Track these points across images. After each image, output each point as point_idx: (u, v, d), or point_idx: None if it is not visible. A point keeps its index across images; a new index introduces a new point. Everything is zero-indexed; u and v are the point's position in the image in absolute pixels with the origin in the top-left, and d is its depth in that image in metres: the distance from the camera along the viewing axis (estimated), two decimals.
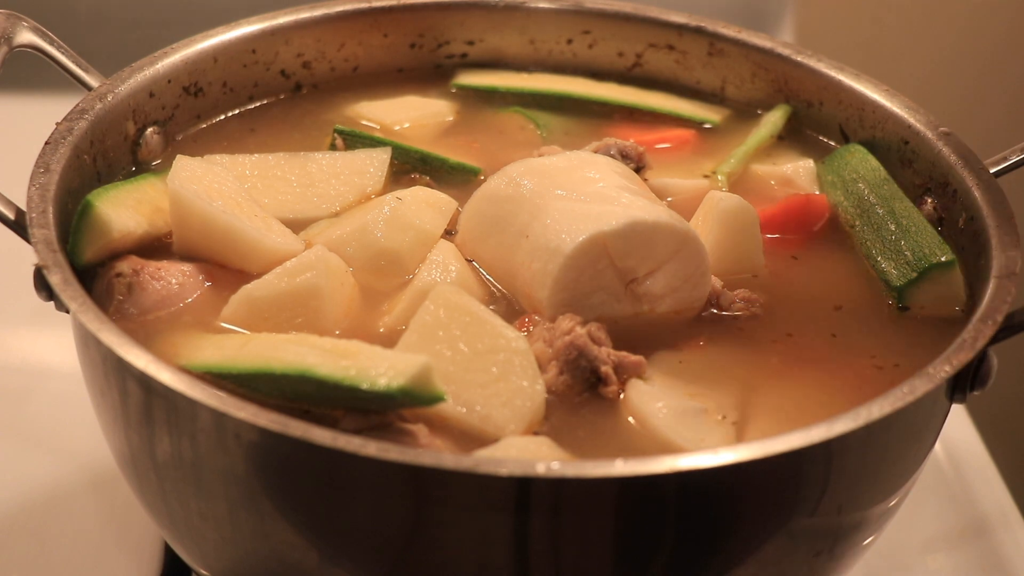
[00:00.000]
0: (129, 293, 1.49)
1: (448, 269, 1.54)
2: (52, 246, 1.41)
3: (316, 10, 1.87)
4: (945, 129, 1.69)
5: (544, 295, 1.48)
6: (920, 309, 1.58)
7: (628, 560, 1.31)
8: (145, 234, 1.55)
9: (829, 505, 1.37)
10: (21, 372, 2.00)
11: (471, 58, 1.96)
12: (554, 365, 1.43)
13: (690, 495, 1.29)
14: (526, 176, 1.57)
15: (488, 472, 1.23)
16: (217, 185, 1.56)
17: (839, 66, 1.83)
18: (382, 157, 1.71)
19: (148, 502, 1.47)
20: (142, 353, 1.31)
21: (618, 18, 1.94)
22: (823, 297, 1.60)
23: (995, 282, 1.47)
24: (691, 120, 1.89)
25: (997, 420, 2.40)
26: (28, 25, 1.66)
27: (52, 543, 1.73)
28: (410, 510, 1.28)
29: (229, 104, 1.83)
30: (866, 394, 1.36)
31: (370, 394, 1.30)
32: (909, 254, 1.60)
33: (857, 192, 1.70)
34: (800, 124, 1.86)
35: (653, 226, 1.49)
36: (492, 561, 1.30)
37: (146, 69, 1.71)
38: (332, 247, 1.53)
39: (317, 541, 1.32)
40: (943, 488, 1.91)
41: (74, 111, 1.60)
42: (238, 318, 1.47)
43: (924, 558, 1.82)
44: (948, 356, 1.38)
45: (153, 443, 1.37)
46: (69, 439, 1.85)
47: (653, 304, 1.52)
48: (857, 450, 1.34)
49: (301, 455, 1.27)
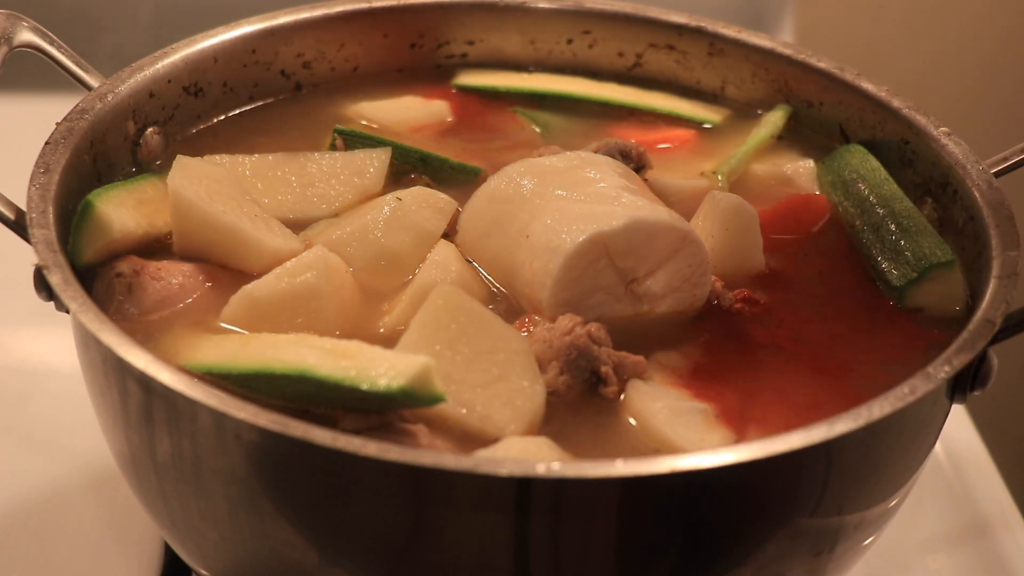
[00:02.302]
0: (129, 293, 1.49)
1: (448, 269, 1.54)
2: (52, 246, 1.41)
3: (316, 10, 1.87)
4: (945, 129, 1.69)
5: (544, 295, 1.48)
6: (920, 309, 1.58)
7: (628, 560, 1.31)
8: (145, 234, 1.55)
9: (829, 505, 1.37)
10: (21, 372, 2.00)
11: (471, 58, 1.96)
12: (554, 365, 1.43)
13: (690, 495, 1.29)
14: (526, 176, 1.57)
15: (488, 472, 1.23)
16: (217, 185, 1.56)
17: (839, 66, 1.83)
18: (382, 157, 1.70)
19: (148, 502, 1.47)
20: (142, 353, 1.31)
21: (618, 18, 1.94)
22: (823, 297, 1.60)
23: (995, 282, 1.47)
24: (691, 120, 1.89)
25: (997, 420, 2.39)
26: (28, 25, 1.66)
27: (52, 543, 1.73)
28: (410, 510, 1.28)
29: (229, 104, 1.83)
30: (866, 394, 1.36)
31: (370, 394, 1.30)
32: (909, 254, 1.60)
33: (857, 192, 1.70)
34: (800, 124, 1.86)
35: (653, 226, 1.49)
36: (492, 561, 1.29)
37: (146, 69, 1.71)
38: (332, 247, 1.53)
39: (317, 541, 1.32)
40: (943, 488, 1.91)
41: (74, 111, 1.60)
42: (238, 318, 1.47)
43: (924, 558, 1.82)
44: (948, 356, 1.38)
45: (153, 443, 1.37)
46: (69, 439, 1.85)
47: (653, 304, 1.52)
48: (857, 450, 1.34)
49: (301, 455, 1.27)
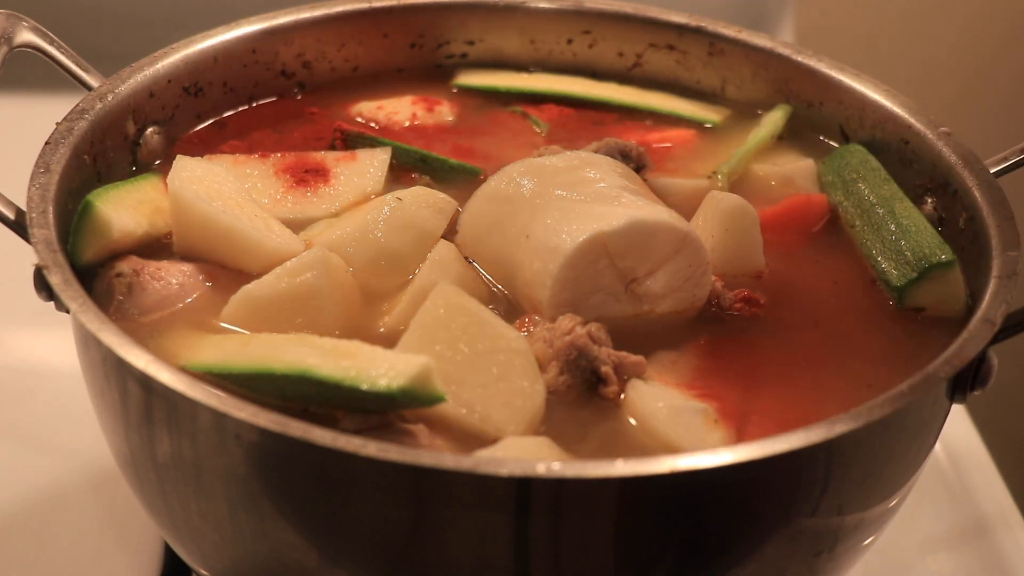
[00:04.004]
0: (129, 293, 1.49)
1: (448, 269, 1.54)
2: (52, 246, 1.41)
3: (316, 10, 1.87)
4: (945, 129, 1.69)
5: (544, 295, 1.48)
6: (920, 309, 1.58)
7: (628, 560, 1.31)
8: (145, 234, 1.55)
9: (829, 505, 1.37)
10: (21, 372, 2.00)
11: (471, 58, 1.96)
12: (554, 365, 1.43)
13: (690, 495, 1.29)
14: (526, 176, 1.57)
15: (488, 472, 1.23)
16: (217, 185, 1.56)
17: (839, 66, 1.83)
18: (382, 157, 1.71)
19: (148, 502, 1.47)
20: (142, 353, 1.31)
21: (618, 18, 1.94)
22: (823, 297, 1.60)
23: (995, 282, 1.47)
24: (691, 120, 1.89)
25: (997, 420, 2.39)
26: (28, 25, 1.66)
27: (52, 543, 1.73)
28: (410, 510, 1.28)
29: (229, 104, 1.83)
30: (866, 394, 1.36)
31: (370, 394, 1.30)
32: (909, 254, 1.60)
33: (857, 192, 1.70)
34: (800, 124, 1.86)
35: (653, 226, 1.49)
36: (492, 561, 1.29)
37: (146, 69, 1.71)
38: (332, 247, 1.53)
39: (317, 541, 1.32)
40: (943, 488, 1.91)
41: (74, 111, 1.60)
42: (238, 318, 1.47)
43: (924, 558, 1.82)
44: (948, 356, 1.38)
45: (153, 443, 1.37)
46: (69, 439, 1.85)
47: (653, 304, 1.52)
48: (857, 450, 1.34)
49: (301, 455, 1.27)
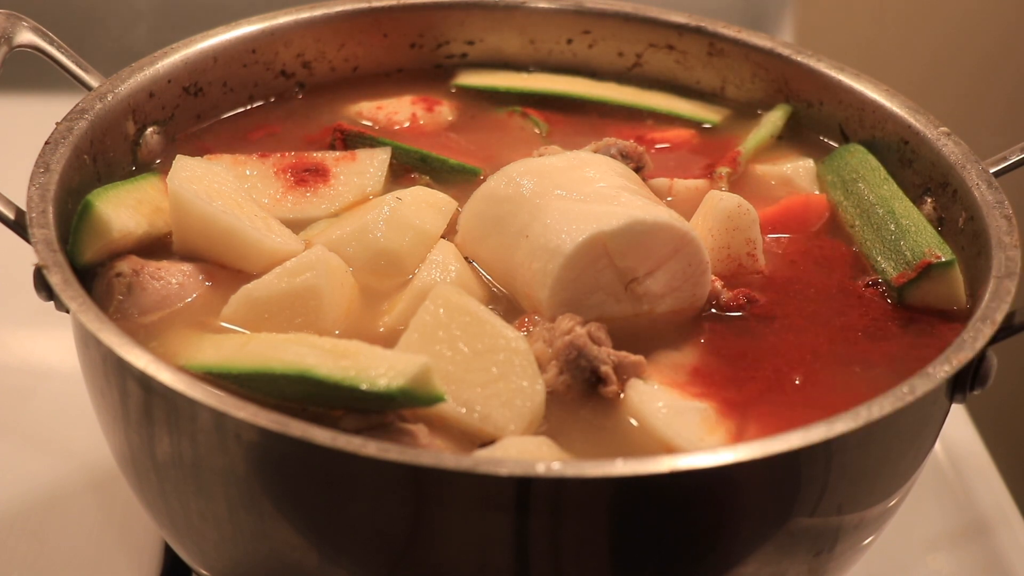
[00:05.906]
0: (129, 293, 1.49)
1: (448, 269, 1.54)
2: (52, 246, 1.41)
3: (316, 10, 1.87)
4: (945, 129, 1.69)
5: (544, 295, 1.48)
6: (920, 309, 1.58)
7: (628, 560, 1.31)
8: (145, 234, 1.55)
9: (829, 505, 1.37)
10: (21, 372, 2.00)
11: (471, 58, 1.96)
12: (554, 365, 1.43)
13: (690, 495, 1.29)
14: (526, 176, 1.57)
15: (488, 472, 1.23)
16: (217, 185, 1.56)
17: (839, 66, 1.83)
18: (382, 157, 1.71)
19: (148, 502, 1.47)
20: (142, 353, 1.31)
21: (618, 18, 1.94)
22: (823, 297, 1.60)
23: (995, 282, 1.47)
24: (691, 120, 1.89)
25: (997, 420, 2.40)
26: (28, 25, 1.66)
27: (52, 543, 1.73)
28: (410, 510, 1.28)
29: (229, 104, 1.83)
30: (866, 394, 1.36)
31: (370, 394, 1.30)
32: (909, 254, 1.60)
33: (857, 192, 1.70)
34: (800, 124, 1.86)
35: (653, 226, 1.49)
36: (492, 561, 1.29)
37: (146, 69, 1.71)
38: (332, 247, 1.53)
39: (317, 541, 1.32)
40: (943, 488, 1.91)
41: (74, 111, 1.60)
42: (238, 318, 1.47)
43: (924, 558, 1.82)
44: (948, 356, 1.38)
45: (153, 443, 1.37)
46: (69, 439, 1.85)
47: (653, 304, 1.52)
48: (857, 450, 1.34)
49: (301, 455, 1.27)
